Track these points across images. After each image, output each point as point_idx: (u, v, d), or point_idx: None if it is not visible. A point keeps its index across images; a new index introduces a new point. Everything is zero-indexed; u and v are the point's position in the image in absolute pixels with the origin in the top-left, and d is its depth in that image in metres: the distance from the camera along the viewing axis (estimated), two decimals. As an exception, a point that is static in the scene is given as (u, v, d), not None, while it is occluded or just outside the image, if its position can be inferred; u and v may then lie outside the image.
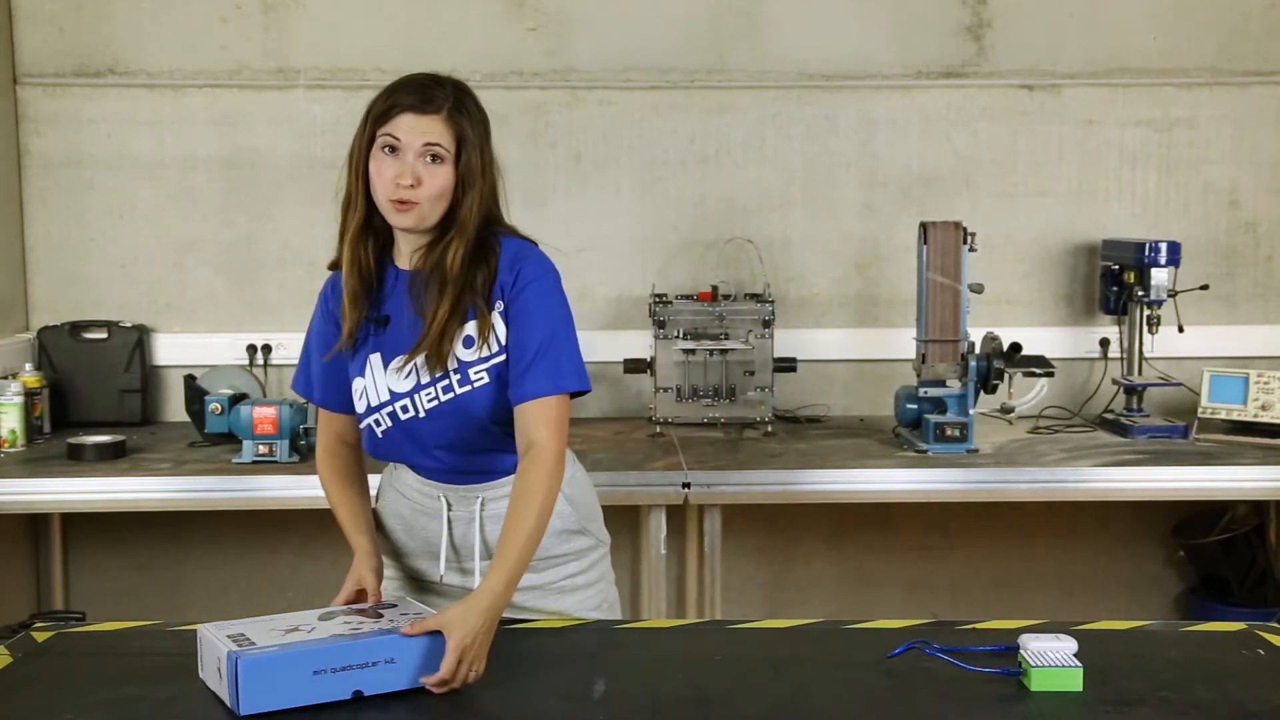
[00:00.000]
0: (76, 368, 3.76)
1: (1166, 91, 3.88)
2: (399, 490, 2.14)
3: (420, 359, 1.98)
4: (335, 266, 2.07)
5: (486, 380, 1.98)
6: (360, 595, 1.97)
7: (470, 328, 1.98)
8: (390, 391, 2.02)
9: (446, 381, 1.98)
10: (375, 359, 2.03)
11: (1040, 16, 3.85)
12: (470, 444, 2.03)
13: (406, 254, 2.03)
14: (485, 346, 1.98)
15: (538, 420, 1.94)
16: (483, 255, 1.98)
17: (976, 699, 1.68)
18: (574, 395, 2.01)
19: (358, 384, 2.05)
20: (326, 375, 2.12)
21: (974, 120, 3.88)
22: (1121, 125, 3.89)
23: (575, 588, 2.13)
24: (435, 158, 1.93)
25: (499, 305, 1.98)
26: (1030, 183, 3.90)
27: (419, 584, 2.14)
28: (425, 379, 1.99)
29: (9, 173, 3.76)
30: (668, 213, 3.89)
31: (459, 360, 1.98)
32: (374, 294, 2.04)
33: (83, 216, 3.83)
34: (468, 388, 1.98)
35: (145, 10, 3.79)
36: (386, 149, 1.93)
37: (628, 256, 3.88)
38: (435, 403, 1.99)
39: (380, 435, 2.06)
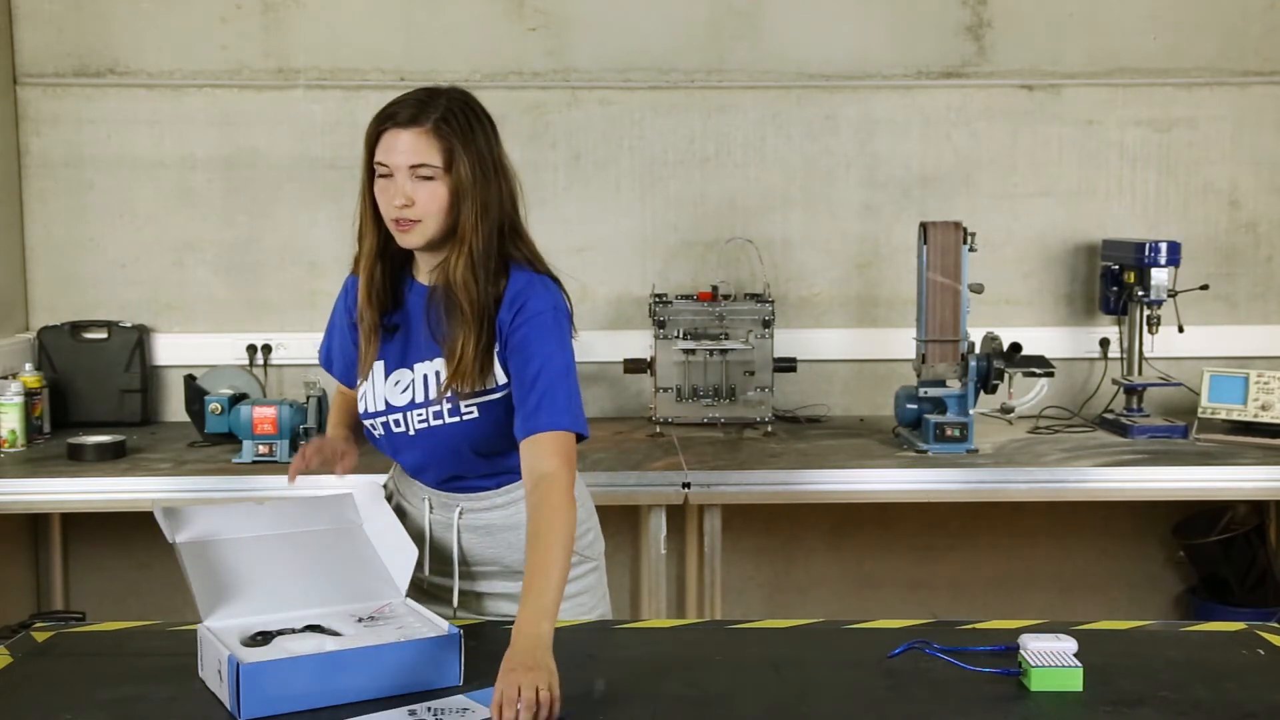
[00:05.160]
0: (76, 368, 3.75)
1: (1166, 91, 3.88)
2: (396, 482, 2.19)
3: (431, 374, 2.00)
4: (357, 269, 2.07)
5: (476, 415, 1.99)
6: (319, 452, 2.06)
7: None
8: (386, 403, 2.04)
9: (438, 408, 1.99)
10: (379, 366, 2.05)
11: (1040, 16, 3.85)
12: (452, 467, 2.06)
13: (425, 270, 2.04)
14: (482, 381, 1.98)
15: (549, 451, 1.89)
16: (497, 284, 1.96)
17: (976, 699, 1.68)
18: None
19: (362, 387, 2.08)
20: (343, 356, 2.17)
21: (974, 120, 3.88)
22: (1121, 125, 3.89)
23: None
24: (425, 177, 1.91)
25: (496, 346, 1.97)
26: (1030, 183, 3.90)
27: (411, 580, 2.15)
28: (420, 398, 2.01)
29: (9, 173, 3.76)
30: (668, 213, 3.89)
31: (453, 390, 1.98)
32: (388, 309, 2.05)
33: (83, 216, 3.83)
34: (456, 419, 1.99)
35: (145, 10, 3.79)
36: (382, 176, 1.94)
37: (628, 256, 3.88)
38: (425, 425, 2.01)
39: (376, 437, 2.10)
